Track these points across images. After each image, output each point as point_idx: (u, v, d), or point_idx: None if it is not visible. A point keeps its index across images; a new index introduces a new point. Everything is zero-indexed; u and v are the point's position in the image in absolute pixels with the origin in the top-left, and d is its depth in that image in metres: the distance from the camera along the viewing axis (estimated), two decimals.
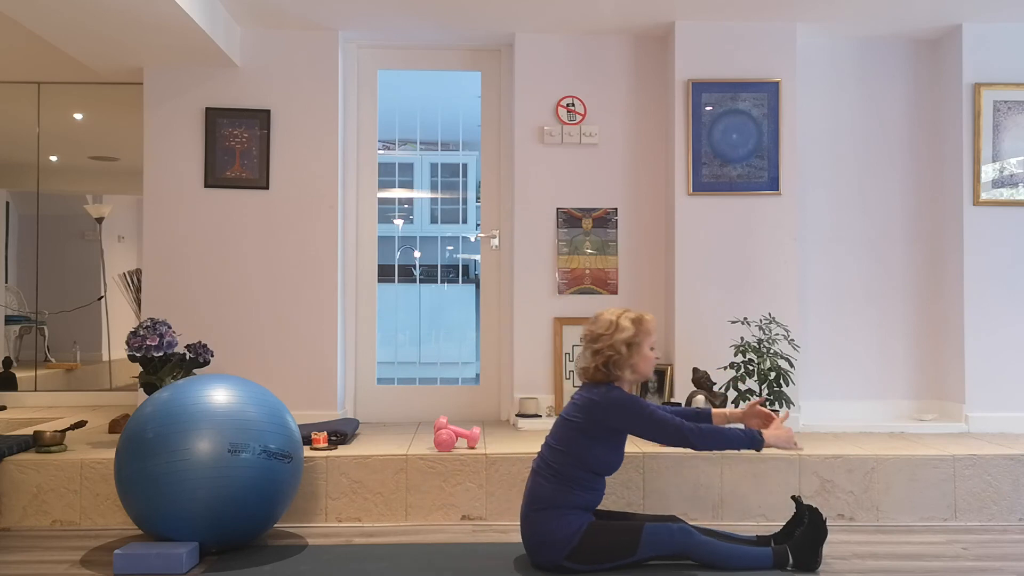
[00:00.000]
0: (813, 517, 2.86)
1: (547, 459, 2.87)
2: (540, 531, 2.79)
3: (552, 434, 2.92)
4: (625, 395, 2.86)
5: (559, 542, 2.76)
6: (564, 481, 2.81)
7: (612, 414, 2.82)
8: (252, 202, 4.38)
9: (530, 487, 2.88)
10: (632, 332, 2.88)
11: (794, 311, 4.28)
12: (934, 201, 4.52)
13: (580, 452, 2.82)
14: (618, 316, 2.92)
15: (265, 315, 4.36)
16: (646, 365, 2.92)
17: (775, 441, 2.88)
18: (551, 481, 2.82)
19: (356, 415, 4.59)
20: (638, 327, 2.90)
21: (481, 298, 4.71)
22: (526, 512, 2.86)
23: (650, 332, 2.92)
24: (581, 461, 2.82)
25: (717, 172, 4.32)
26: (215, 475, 2.82)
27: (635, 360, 2.89)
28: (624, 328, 2.89)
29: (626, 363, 2.88)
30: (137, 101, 4.53)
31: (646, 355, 2.91)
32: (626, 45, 4.53)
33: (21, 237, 5.37)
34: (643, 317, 2.93)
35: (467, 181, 5.13)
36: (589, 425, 2.83)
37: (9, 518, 3.38)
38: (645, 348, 2.91)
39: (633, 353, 2.88)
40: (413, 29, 4.42)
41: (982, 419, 4.21)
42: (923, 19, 4.29)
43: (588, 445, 2.83)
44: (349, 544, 3.17)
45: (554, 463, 2.84)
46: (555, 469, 2.83)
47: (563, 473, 2.82)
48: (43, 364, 5.32)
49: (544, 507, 2.80)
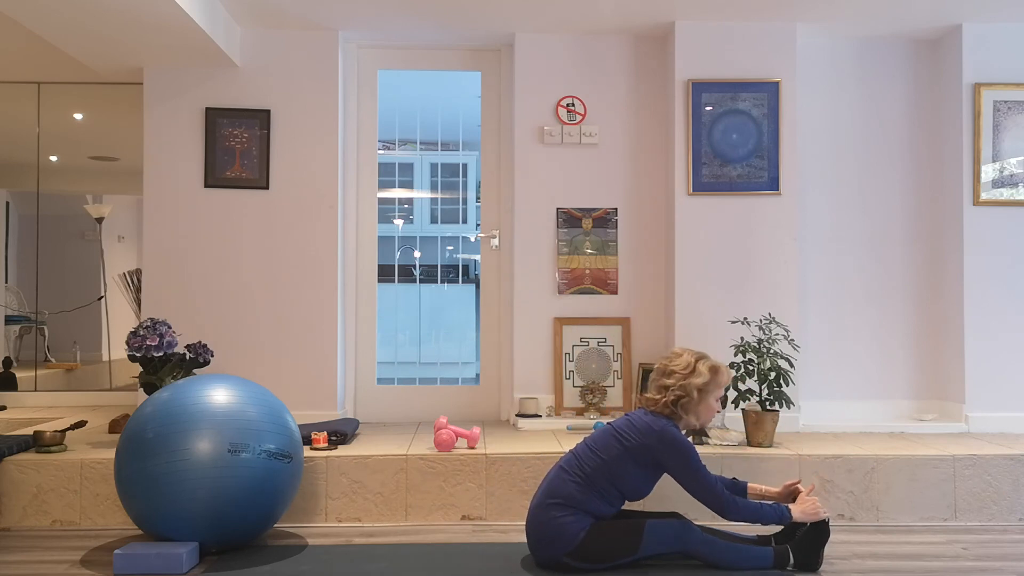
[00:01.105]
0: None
1: (581, 459, 2.87)
2: (549, 525, 2.79)
3: (595, 439, 2.92)
4: (684, 440, 2.86)
5: (563, 539, 2.76)
6: (590, 486, 2.81)
7: (664, 451, 2.83)
8: (252, 202, 4.38)
9: (551, 480, 2.87)
10: (707, 380, 2.92)
11: (794, 311, 4.27)
12: (934, 201, 4.52)
13: (617, 469, 2.83)
14: (697, 360, 2.95)
15: (265, 315, 4.36)
16: (708, 414, 2.96)
17: (802, 516, 2.89)
18: (578, 481, 2.82)
19: (356, 415, 4.59)
20: (714, 376, 2.94)
21: (481, 298, 4.71)
22: (540, 502, 2.85)
23: (721, 384, 2.96)
24: (615, 476, 2.83)
25: (717, 172, 4.32)
26: (215, 475, 2.82)
27: (701, 408, 2.93)
28: (700, 373, 2.92)
29: (693, 408, 2.91)
30: (137, 101, 4.53)
31: (711, 405, 2.95)
32: (626, 45, 4.53)
33: (21, 237, 5.37)
34: (720, 367, 2.97)
35: (467, 181, 5.13)
36: (637, 449, 2.84)
37: (9, 518, 3.38)
38: (712, 399, 2.94)
39: (701, 400, 2.92)
40: (413, 29, 4.42)
41: (982, 419, 4.21)
42: (923, 19, 4.29)
43: (627, 467, 2.83)
44: (349, 544, 3.17)
45: (588, 466, 2.84)
46: (586, 472, 2.83)
47: (593, 479, 2.82)
48: (43, 364, 5.32)
49: (561, 502, 2.80)
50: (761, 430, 3.69)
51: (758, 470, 3.51)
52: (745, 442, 3.73)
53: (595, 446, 2.89)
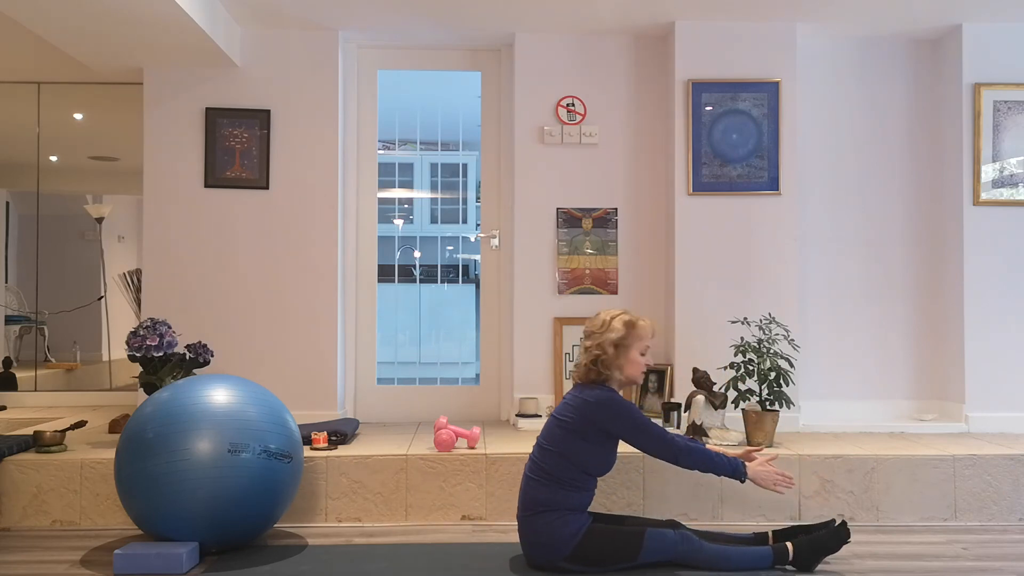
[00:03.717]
0: (840, 528, 2.87)
1: (539, 461, 2.86)
2: (539, 533, 2.79)
3: (543, 435, 2.91)
4: (619, 399, 2.85)
5: (559, 543, 2.76)
6: (558, 483, 2.80)
7: (603, 416, 2.81)
8: (252, 202, 4.38)
9: (524, 491, 2.87)
10: (622, 334, 2.88)
11: (794, 311, 4.27)
12: (934, 201, 4.52)
13: (572, 453, 2.81)
14: (612, 317, 2.92)
15: (265, 315, 4.36)
16: (633, 369, 2.90)
17: (756, 477, 2.88)
18: (545, 484, 2.81)
19: (356, 415, 4.59)
20: (629, 330, 2.89)
21: (481, 298, 4.71)
22: (522, 516, 2.85)
23: (642, 337, 2.91)
24: (573, 462, 2.81)
25: (717, 172, 4.32)
26: (215, 475, 2.82)
27: (622, 362, 2.88)
28: (615, 329, 2.89)
29: (613, 364, 2.87)
30: (137, 101, 4.53)
31: (634, 359, 2.90)
32: (626, 45, 4.53)
33: (21, 237, 5.37)
34: (636, 321, 2.92)
35: (467, 181, 5.13)
36: (581, 425, 2.82)
37: (9, 518, 3.38)
38: (634, 352, 2.89)
39: (620, 355, 2.88)
40: (413, 29, 4.42)
41: (982, 419, 4.21)
42: (923, 19, 4.29)
43: (580, 446, 2.82)
44: (349, 544, 3.17)
45: (546, 465, 2.83)
46: (547, 471, 2.82)
47: (556, 475, 2.81)
48: (43, 364, 5.32)
49: (541, 510, 2.80)
50: (761, 430, 3.69)
51: None
52: (745, 442, 3.73)
53: (545, 442, 2.87)
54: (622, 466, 3.48)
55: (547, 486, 2.81)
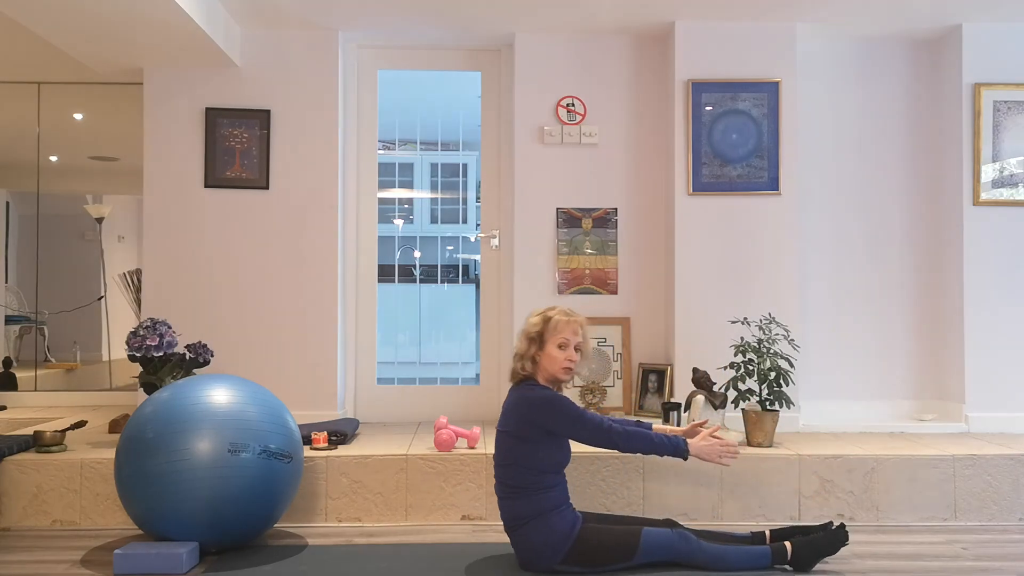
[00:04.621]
0: (839, 531, 2.87)
1: (501, 479, 2.86)
2: (531, 542, 2.79)
3: (496, 453, 2.89)
4: (550, 394, 2.82)
5: (552, 547, 2.76)
6: (526, 491, 2.79)
7: (536, 412, 2.79)
8: (252, 202, 4.38)
9: (501, 509, 2.87)
10: (538, 329, 2.86)
11: (794, 311, 4.27)
12: (934, 201, 4.52)
13: (524, 458, 2.80)
14: (539, 312, 2.90)
15: (265, 315, 4.36)
16: (550, 364, 2.85)
17: (699, 452, 2.87)
18: (515, 497, 2.81)
19: (356, 415, 4.59)
20: (544, 324, 2.86)
21: (481, 298, 4.71)
22: (508, 532, 2.86)
23: (559, 331, 2.85)
24: (528, 467, 2.80)
25: (717, 172, 4.32)
26: (215, 475, 2.82)
27: (540, 357, 2.85)
28: (531, 323, 2.88)
29: (527, 357, 2.85)
30: (137, 101, 4.53)
31: (550, 353, 2.84)
32: (626, 45, 4.53)
33: (21, 237, 5.37)
34: (552, 316, 2.86)
35: (467, 181, 5.14)
36: (521, 428, 2.81)
37: (9, 518, 3.38)
38: (551, 346, 2.84)
39: (534, 349, 2.85)
40: (413, 29, 4.42)
41: (982, 419, 4.21)
42: (923, 19, 4.29)
43: (528, 449, 2.80)
44: (349, 544, 3.17)
45: (508, 480, 2.83)
46: (511, 486, 2.82)
47: (520, 485, 2.80)
48: (43, 364, 5.32)
49: (523, 522, 2.80)
50: (761, 430, 3.69)
51: (758, 470, 3.51)
52: (745, 442, 3.73)
53: (498, 457, 2.87)
54: (622, 466, 3.48)
55: (518, 498, 2.80)
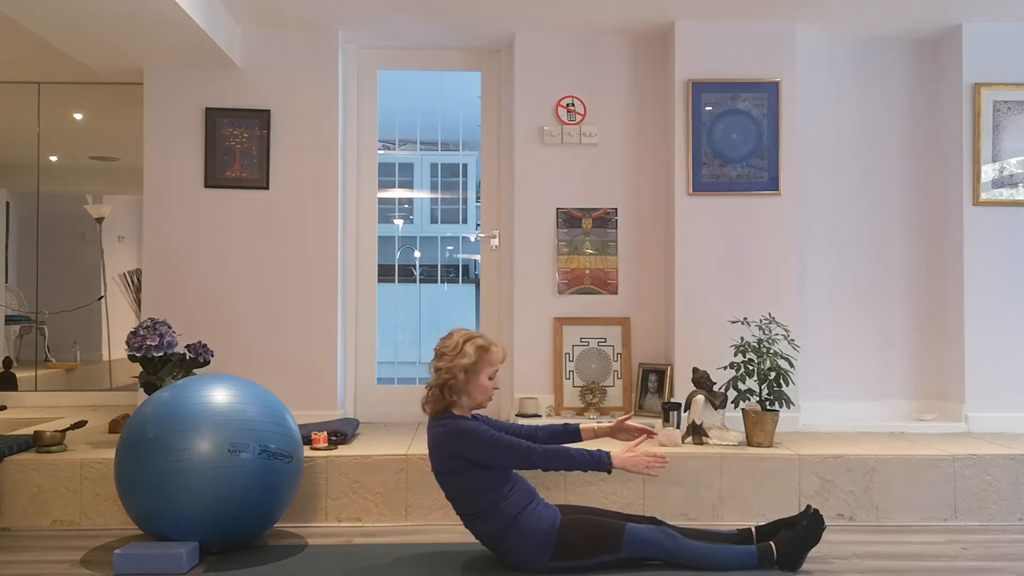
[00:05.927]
0: (814, 520, 2.86)
1: (458, 511, 2.88)
2: (512, 551, 2.80)
3: (443, 490, 2.90)
4: (464, 425, 2.82)
5: (537, 548, 2.76)
6: (486, 513, 2.80)
7: (454, 445, 2.80)
8: (252, 202, 4.38)
9: (472, 533, 2.89)
10: (473, 359, 2.85)
11: (794, 311, 4.27)
12: (934, 201, 4.52)
13: (466, 489, 2.81)
14: (466, 340, 2.88)
15: (265, 315, 4.36)
16: (481, 394, 2.88)
17: (625, 464, 2.84)
18: (479, 520, 2.82)
19: (356, 415, 4.59)
20: (481, 355, 2.86)
21: (481, 298, 4.71)
22: (491, 549, 2.87)
23: (493, 363, 2.89)
24: (474, 493, 2.80)
25: (717, 172, 4.32)
26: (215, 475, 2.82)
27: (472, 387, 2.87)
28: (466, 354, 2.85)
29: (462, 388, 2.85)
30: (137, 101, 4.53)
31: (483, 384, 2.88)
32: (626, 45, 4.53)
33: (21, 237, 5.37)
34: (490, 347, 2.89)
35: (467, 181, 5.14)
36: (449, 464, 2.82)
37: (9, 518, 3.38)
38: (483, 377, 2.87)
39: (470, 380, 2.86)
40: (413, 29, 4.42)
41: (982, 419, 4.21)
42: (923, 19, 4.29)
43: (467, 480, 2.80)
44: (349, 544, 3.17)
45: (465, 511, 2.85)
46: (471, 514, 2.84)
47: (477, 511, 2.81)
48: (43, 364, 5.32)
49: (499, 537, 2.80)
50: (761, 430, 3.69)
51: (758, 470, 3.51)
52: (745, 442, 3.73)
53: (446, 494, 2.89)
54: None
55: (483, 520, 2.82)
